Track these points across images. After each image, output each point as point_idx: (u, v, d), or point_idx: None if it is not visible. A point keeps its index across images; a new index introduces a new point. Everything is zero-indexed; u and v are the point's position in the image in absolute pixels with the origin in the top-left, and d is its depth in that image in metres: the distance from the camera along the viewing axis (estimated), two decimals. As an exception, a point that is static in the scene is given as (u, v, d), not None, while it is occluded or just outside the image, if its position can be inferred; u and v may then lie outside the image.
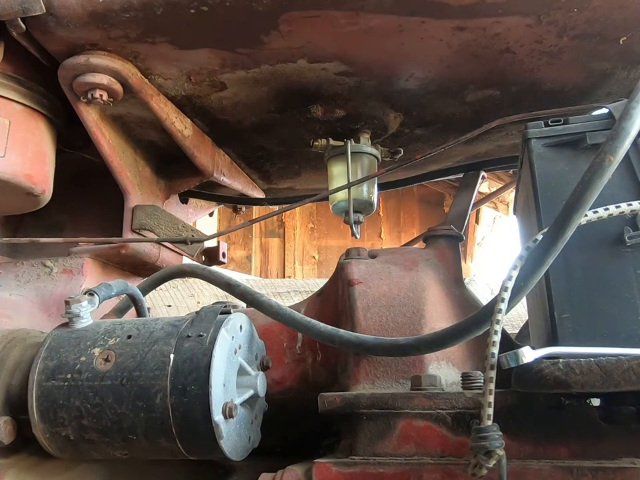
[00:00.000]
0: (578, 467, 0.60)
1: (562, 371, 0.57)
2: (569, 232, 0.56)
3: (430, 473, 0.63)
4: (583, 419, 0.64)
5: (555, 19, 0.90)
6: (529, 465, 0.61)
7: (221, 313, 0.75)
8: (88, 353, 0.73)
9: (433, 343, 0.70)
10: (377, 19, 0.89)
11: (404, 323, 0.82)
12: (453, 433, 0.66)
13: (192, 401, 0.67)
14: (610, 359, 0.57)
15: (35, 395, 0.72)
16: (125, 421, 0.69)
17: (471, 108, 1.15)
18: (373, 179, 1.19)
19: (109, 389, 0.70)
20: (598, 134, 0.71)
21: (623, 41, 0.95)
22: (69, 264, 1.14)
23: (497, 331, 0.57)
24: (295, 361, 0.89)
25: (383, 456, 0.67)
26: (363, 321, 0.83)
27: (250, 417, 0.76)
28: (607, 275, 0.64)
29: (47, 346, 0.75)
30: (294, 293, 1.80)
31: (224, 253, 1.42)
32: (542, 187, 0.72)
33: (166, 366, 0.69)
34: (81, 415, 0.70)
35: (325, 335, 0.77)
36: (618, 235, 0.65)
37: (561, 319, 0.63)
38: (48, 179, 1.10)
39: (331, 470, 0.66)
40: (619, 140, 0.55)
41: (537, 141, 0.75)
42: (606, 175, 0.55)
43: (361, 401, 0.70)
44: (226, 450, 0.69)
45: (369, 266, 0.90)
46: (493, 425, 0.55)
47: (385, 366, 0.79)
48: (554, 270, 0.63)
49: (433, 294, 0.86)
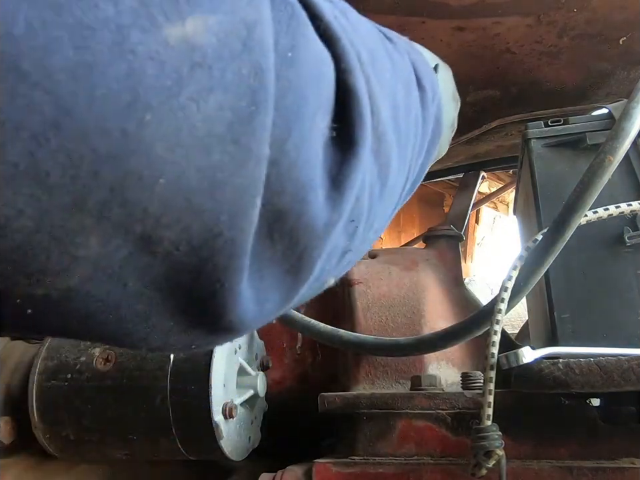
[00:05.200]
0: (578, 466, 0.60)
1: (562, 370, 0.57)
2: (568, 232, 0.56)
3: (430, 473, 0.63)
4: (582, 419, 0.64)
5: (555, 19, 0.90)
6: (529, 465, 0.61)
7: (221, 313, 0.75)
8: (88, 353, 0.73)
9: (433, 343, 0.70)
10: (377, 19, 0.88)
11: (404, 323, 0.82)
12: (453, 433, 0.66)
13: (192, 401, 0.67)
14: (610, 359, 0.57)
15: (35, 395, 0.72)
16: (125, 421, 0.69)
17: (471, 108, 1.15)
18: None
19: (109, 389, 0.70)
20: (598, 134, 0.71)
21: (622, 41, 0.95)
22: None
23: (497, 331, 0.57)
24: (295, 361, 0.89)
25: (382, 456, 0.67)
26: (363, 320, 0.83)
27: (250, 417, 0.76)
28: (606, 275, 0.64)
29: (47, 346, 0.75)
30: (294, 293, 1.79)
31: (224, 253, 1.42)
32: (542, 187, 0.72)
33: (166, 366, 0.69)
34: (81, 415, 0.70)
35: (325, 335, 0.77)
36: (618, 235, 0.65)
37: (560, 319, 0.63)
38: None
39: (331, 470, 0.66)
40: (619, 140, 0.55)
41: (537, 141, 0.76)
42: (606, 175, 0.55)
43: (360, 401, 0.70)
44: (226, 450, 0.69)
45: (369, 266, 0.90)
46: (492, 425, 0.55)
47: (385, 366, 0.79)
48: (554, 270, 0.63)
49: (433, 294, 0.87)
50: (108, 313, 0.24)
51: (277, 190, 0.26)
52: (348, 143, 0.29)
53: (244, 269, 0.26)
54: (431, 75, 0.47)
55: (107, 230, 0.21)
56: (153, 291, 0.24)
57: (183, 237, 0.23)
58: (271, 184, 0.25)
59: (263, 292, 0.28)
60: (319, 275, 0.32)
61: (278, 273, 0.29)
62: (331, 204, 0.29)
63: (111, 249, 0.22)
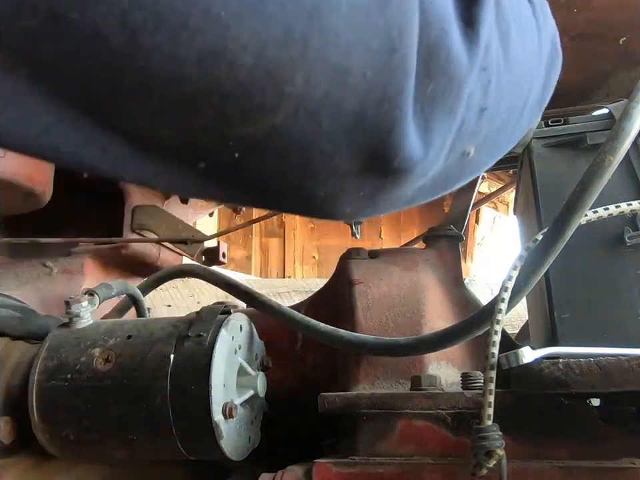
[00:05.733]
0: (578, 466, 0.60)
1: (562, 371, 0.57)
2: (568, 232, 0.56)
3: (430, 473, 0.63)
4: (582, 419, 0.64)
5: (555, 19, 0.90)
6: (529, 465, 0.61)
7: (221, 313, 0.75)
8: (88, 353, 0.73)
9: (433, 343, 0.70)
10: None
11: (404, 323, 0.82)
12: (453, 432, 0.66)
13: (192, 401, 0.67)
14: (610, 359, 0.57)
15: (35, 395, 0.72)
16: (125, 421, 0.69)
17: (471, 108, 1.15)
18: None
19: (109, 389, 0.70)
20: (598, 134, 0.71)
21: (622, 41, 0.95)
22: (69, 264, 1.14)
23: (497, 331, 0.57)
24: (295, 361, 0.89)
25: (383, 456, 0.67)
26: (363, 321, 0.83)
27: (250, 417, 0.76)
28: (607, 274, 0.65)
29: (47, 346, 0.75)
30: (294, 292, 1.80)
31: (224, 253, 1.42)
32: (542, 187, 0.72)
33: (166, 366, 0.69)
34: (81, 415, 0.70)
35: (325, 335, 0.77)
36: (618, 235, 0.65)
37: (560, 319, 0.63)
38: (48, 179, 1.10)
39: (331, 470, 0.66)
40: (619, 140, 0.55)
41: (537, 141, 0.76)
42: (606, 175, 0.55)
43: (360, 401, 0.70)
44: (226, 450, 0.69)
45: (369, 266, 0.90)
46: (492, 425, 0.55)
47: (385, 366, 0.79)
48: (554, 270, 0.63)
49: (433, 294, 0.86)
50: (300, 153, 0.27)
51: (424, 24, 0.27)
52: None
53: (411, 98, 0.28)
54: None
55: (309, 64, 0.24)
56: (342, 131, 0.27)
57: (366, 61, 0.25)
58: (419, 18, 0.27)
59: (428, 134, 0.30)
60: (462, 128, 0.33)
61: (438, 114, 0.30)
62: (467, 41, 0.30)
63: (311, 87, 0.24)
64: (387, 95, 0.27)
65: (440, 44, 0.28)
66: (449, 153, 0.34)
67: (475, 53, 0.31)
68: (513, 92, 0.39)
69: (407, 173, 0.31)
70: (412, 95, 0.28)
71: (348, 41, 0.24)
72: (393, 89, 0.27)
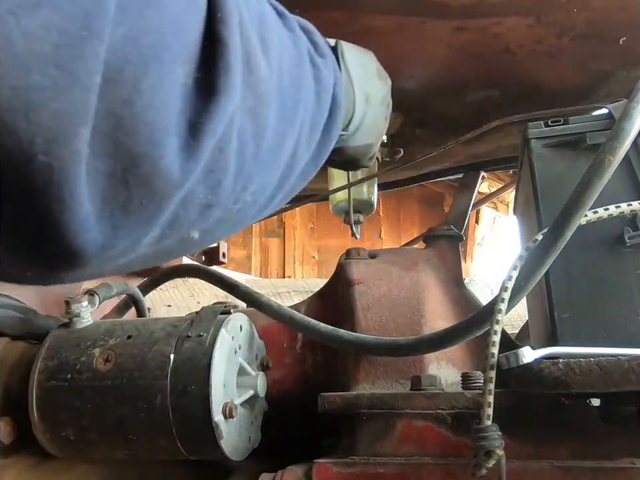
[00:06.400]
0: (578, 466, 0.60)
1: (562, 371, 0.57)
2: (568, 232, 0.56)
3: (430, 473, 0.63)
4: (582, 419, 0.64)
5: (555, 20, 0.90)
6: (529, 465, 0.61)
7: (221, 313, 0.75)
8: (88, 353, 0.73)
9: (433, 343, 0.70)
10: (377, 19, 0.89)
11: (404, 323, 0.82)
12: (453, 433, 0.66)
13: (192, 401, 0.67)
14: (610, 359, 0.57)
15: (35, 395, 0.72)
16: (125, 421, 0.69)
17: (471, 108, 1.15)
18: (373, 179, 1.19)
19: (109, 389, 0.70)
20: (598, 134, 0.71)
21: (622, 41, 0.95)
22: (69, 264, 1.14)
23: (497, 331, 0.57)
24: (295, 361, 0.89)
25: (383, 456, 0.67)
26: (363, 321, 0.83)
27: (250, 417, 0.76)
28: (607, 274, 0.64)
29: (47, 346, 0.75)
30: (294, 292, 1.79)
31: (224, 253, 1.42)
32: (542, 187, 0.72)
33: (166, 366, 0.69)
34: (81, 415, 0.70)
35: (325, 335, 0.77)
36: (618, 235, 0.65)
37: (560, 319, 0.63)
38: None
39: (331, 470, 0.66)
40: (619, 140, 0.55)
41: (537, 141, 0.76)
42: (606, 175, 0.55)
43: (361, 401, 0.70)
44: (226, 450, 0.69)
45: (369, 266, 0.90)
46: (492, 425, 0.55)
47: (385, 366, 0.79)
48: (554, 270, 0.63)
49: (433, 294, 0.87)
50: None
51: (131, 131, 0.25)
52: (210, 92, 0.29)
53: (73, 204, 0.25)
54: (329, 56, 0.47)
55: None
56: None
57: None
58: (125, 125, 0.25)
59: (114, 238, 0.28)
60: (176, 223, 0.32)
61: (131, 223, 0.28)
62: (187, 150, 0.28)
63: None
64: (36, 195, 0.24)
65: (146, 155, 0.26)
66: (155, 242, 0.32)
67: (196, 159, 0.29)
68: (268, 171, 0.38)
69: (80, 264, 0.28)
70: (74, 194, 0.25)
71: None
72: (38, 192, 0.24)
